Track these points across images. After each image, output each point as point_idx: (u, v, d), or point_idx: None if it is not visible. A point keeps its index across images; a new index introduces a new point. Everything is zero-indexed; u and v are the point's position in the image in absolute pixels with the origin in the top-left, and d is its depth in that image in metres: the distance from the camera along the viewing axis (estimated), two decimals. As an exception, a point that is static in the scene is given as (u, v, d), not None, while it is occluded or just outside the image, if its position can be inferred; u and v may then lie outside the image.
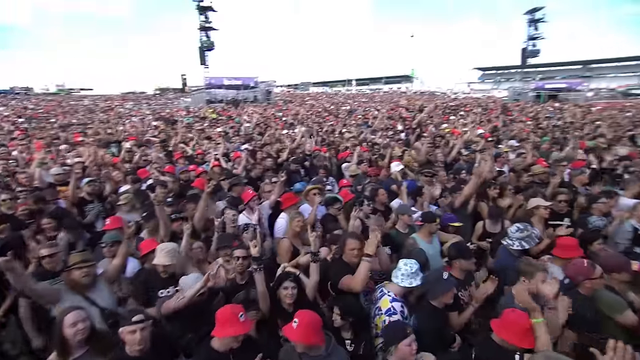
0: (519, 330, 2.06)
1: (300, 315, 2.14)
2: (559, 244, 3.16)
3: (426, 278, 2.72)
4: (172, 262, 2.96)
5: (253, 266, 2.72)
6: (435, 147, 8.02)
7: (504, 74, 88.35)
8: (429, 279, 2.69)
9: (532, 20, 33.55)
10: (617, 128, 11.90)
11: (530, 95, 33.96)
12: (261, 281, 2.69)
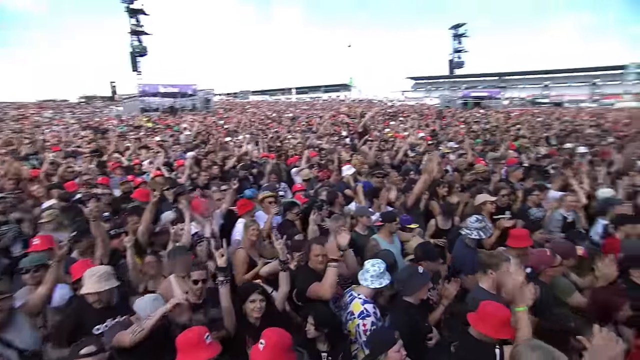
0: (496, 323, 2.06)
1: (267, 335, 1.94)
2: (512, 235, 3.33)
3: (402, 274, 2.68)
4: (106, 288, 2.47)
5: (219, 278, 2.48)
6: (381, 151, 8.35)
7: (434, 83, 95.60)
8: (404, 275, 2.66)
9: (456, 35, 36.51)
10: (533, 130, 13.37)
11: (458, 103, 36.84)
12: (227, 295, 2.46)
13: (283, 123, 17.84)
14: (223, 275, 2.48)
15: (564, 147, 9.04)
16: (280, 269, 2.70)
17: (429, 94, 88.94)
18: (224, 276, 2.48)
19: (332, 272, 2.66)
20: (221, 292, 2.46)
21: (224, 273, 2.49)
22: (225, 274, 2.49)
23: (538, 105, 51.60)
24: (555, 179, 5.38)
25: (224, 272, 2.49)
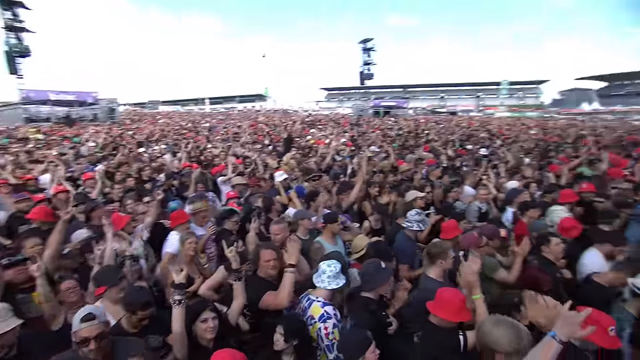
0: (455, 307, 2.16)
1: (220, 358, 1.79)
2: (444, 228, 3.60)
3: (367, 268, 2.66)
4: (6, 330, 1.98)
5: (175, 297, 2.17)
6: (307, 156, 8.51)
7: (346, 94, 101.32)
8: (371, 269, 2.63)
9: (365, 49, 38.98)
10: (439, 135, 14.86)
11: (370, 112, 39.30)
12: (181, 318, 2.16)
13: (200, 133, 17.03)
14: (179, 293, 2.18)
15: (467, 148, 10.19)
16: (234, 279, 2.49)
17: (342, 104, 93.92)
18: (180, 295, 2.18)
19: (290, 278, 2.54)
20: (174, 315, 2.15)
21: (180, 291, 2.19)
22: (182, 292, 2.20)
23: (437, 114, 57.56)
24: (469, 175, 5.98)
25: (180, 290, 2.19)
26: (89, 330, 1.79)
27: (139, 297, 2.24)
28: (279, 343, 2.13)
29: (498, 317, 1.88)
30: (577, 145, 11.21)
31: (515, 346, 1.73)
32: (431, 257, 2.90)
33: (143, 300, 2.22)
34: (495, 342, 1.77)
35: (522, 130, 18.95)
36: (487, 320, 1.94)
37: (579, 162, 6.85)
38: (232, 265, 2.49)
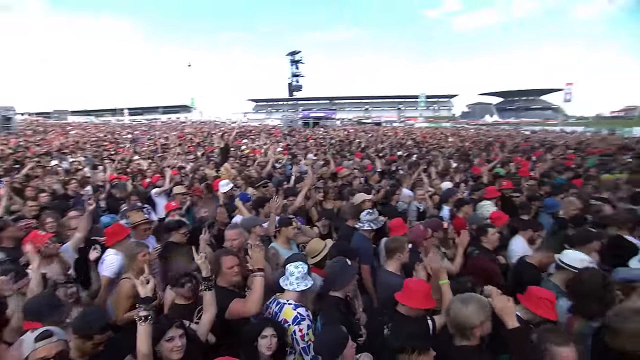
0: (421, 295, 2.27)
1: None
2: (392, 227, 3.78)
3: (334, 267, 2.65)
4: None
5: (141, 313, 1.89)
6: (245, 165, 8.39)
7: (274, 105, 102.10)
8: (337, 268, 2.63)
9: (293, 61, 39.62)
10: (369, 143, 15.65)
11: (299, 123, 39.85)
12: (148, 336, 1.90)
13: (122, 145, 15.73)
14: (145, 308, 1.91)
15: (398, 154, 10.88)
16: (204, 288, 2.31)
17: (270, 115, 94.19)
18: (147, 310, 1.91)
19: (260, 282, 2.44)
20: (140, 334, 1.87)
21: (147, 306, 1.92)
22: (148, 307, 1.93)
23: (364, 124, 60.43)
24: (405, 179, 6.37)
25: (146, 305, 1.93)
26: (47, 349, 1.60)
27: (97, 320, 1.98)
28: (271, 346, 2.03)
29: (464, 296, 2.04)
30: (488, 150, 12.72)
31: (483, 318, 1.91)
32: (390, 251, 3.02)
33: (102, 323, 1.96)
34: (467, 318, 1.93)
35: (442, 138, 20.80)
36: (454, 300, 2.08)
37: (495, 164, 7.73)
38: (203, 273, 2.32)
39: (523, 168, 7.79)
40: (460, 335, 1.97)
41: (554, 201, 4.85)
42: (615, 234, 3.51)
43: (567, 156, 10.94)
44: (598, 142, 18.08)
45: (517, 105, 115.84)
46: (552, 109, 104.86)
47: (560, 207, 4.71)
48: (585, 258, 2.67)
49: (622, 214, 3.98)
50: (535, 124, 63.89)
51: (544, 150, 12.59)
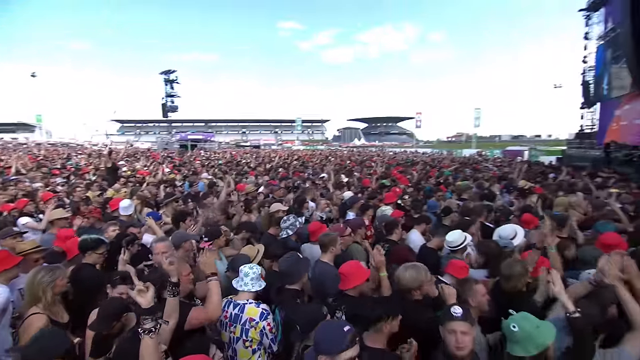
0: (360, 274, 2.61)
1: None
2: (311, 231, 4.12)
3: (288, 261, 2.77)
4: None
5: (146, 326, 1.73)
6: (138, 185, 7.85)
7: (144, 127, 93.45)
8: (292, 262, 2.76)
9: (167, 80, 37.34)
10: (259, 163, 15.98)
11: (175, 145, 37.54)
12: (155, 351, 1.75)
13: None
14: (152, 319, 1.75)
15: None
16: (170, 294, 2.19)
17: (139, 137, 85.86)
18: (153, 321, 1.75)
19: (217, 286, 2.44)
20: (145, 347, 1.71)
21: (152, 316, 1.77)
22: (154, 317, 1.77)
23: (242, 147, 60.27)
24: (309, 192, 6.86)
25: (152, 315, 1.77)
26: None
27: (58, 344, 1.74)
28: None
29: (405, 264, 2.53)
30: (367, 165, 14.45)
31: (423, 279, 2.46)
32: (324, 245, 3.34)
33: (65, 347, 1.73)
34: (409, 281, 2.43)
35: (323, 157, 22.44)
36: (399, 269, 2.56)
37: (379, 176, 8.93)
38: (172, 279, 2.22)
39: (402, 179, 9.18)
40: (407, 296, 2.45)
41: (434, 202, 5.95)
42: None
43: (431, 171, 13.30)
44: (446, 159, 22.23)
45: (380, 130, 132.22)
46: (406, 134, 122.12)
47: (439, 207, 5.84)
48: (462, 235, 3.48)
49: (478, 207, 5.20)
50: (395, 146, 73.89)
51: (409, 166, 14.97)
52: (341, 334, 1.64)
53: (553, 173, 11.27)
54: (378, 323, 2.00)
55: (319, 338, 1.69)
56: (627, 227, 4.40)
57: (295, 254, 2.91)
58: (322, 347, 1.66)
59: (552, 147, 38.08)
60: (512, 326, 1.78)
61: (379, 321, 2.00)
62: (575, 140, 24.66)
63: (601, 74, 20.45)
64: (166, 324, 1.85)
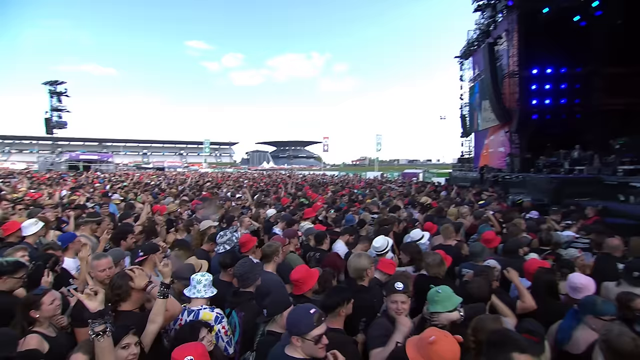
0: (308, 276, 2.88)
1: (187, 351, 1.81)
2: (241, 243, 4.31)
3: (243, 267, 2.94)
4: None
5: (96, 328, 1.76)
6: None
7: (16, 145, 79.65)
8: (246, 267, 2.93)
9: (53, 92, 32.92)
10: (170, 185, 15.27)
11: (63, 167, 33.02)
12: (110, 352, 1.80)
13: None
14: (100, 322, 1.79)
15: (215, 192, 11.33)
16: (161, 295, 2.24)
17: (8, 156, 73.00)
18: (102, 323, 1.79)
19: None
20: (100, 349, 1.78)
21: (101, 319, 1.80)
22: (104, 319, 1.81)
23: (144, 169, 55.82)
24: (234, 210, 7.00)
25: (100, 319, 1.80)
26: None
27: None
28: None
29: (357, 253, 2.99)
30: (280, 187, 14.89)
31: (368, 265, 3.02)
32: (267, 255, 3.60)
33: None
34: (361, 265, 2.94)
35: (236, 179, 22.24)
36: (350, 257, 3.06)
37: (298, 195, 9.42)
38: (165, 280, 2.26)
39: (319, 198, 9.82)
40: (358, 277, 2.96)
41: (351, 216, 6.62)
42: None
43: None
44: (354, 180, 23.91)
45: (288, 153, 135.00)
46: (314, 157, 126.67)
47: (355, 220, 6.52)
48: (385, 240, 4.11)
49: (392, 218, 6.01)
50: (304, 169, 76.08)
51: (320, 186, 15.87)
52: (309, 315, 1.95)
53: (444, 191, 13.18)
54: (337, 308, 2.38)
55: (290, 321, 1.99)
56: (497, 229, 5.64)
57: (249, 259, 3.14)
58: (294, 328, 1.95)
59: (441, 169, 43.73)
60: (437, 290, 2.34)
61: (337, 307, 2.38)
62: (458, 164, 28.77)
63: (473, 109, 24.70)
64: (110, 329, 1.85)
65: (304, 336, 1.90)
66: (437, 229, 5.29)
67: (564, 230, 5.69)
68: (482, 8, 21.28)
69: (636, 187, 10.34)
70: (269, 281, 3.32)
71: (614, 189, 10.93)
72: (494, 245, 4.39)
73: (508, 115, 18.45)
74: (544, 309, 2.76)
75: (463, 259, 4.13)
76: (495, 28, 20.21)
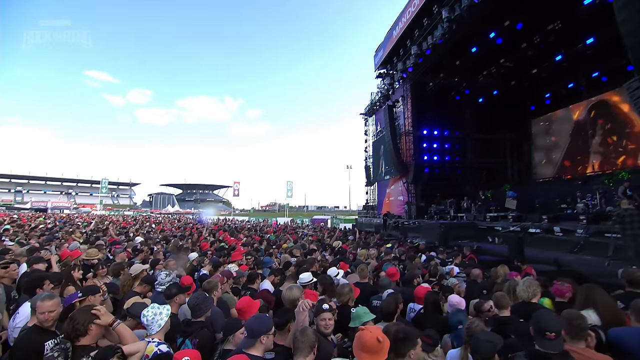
0: (252, 307, 3.34)
1: None
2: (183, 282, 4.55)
3: (196, 299, 3.19)
4: None
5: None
6: None
7: None
8: (199, 300, 3.20)
9: None
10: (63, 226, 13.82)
11: None
12: None
13: None
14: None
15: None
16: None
17: None
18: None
19: (124, 326, 2.73)
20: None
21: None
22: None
23: (16, 209, 48.12)
24: (157, 254, 6.94)
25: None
26: None
27: None
28: None
29: (288, 286, 3.50)
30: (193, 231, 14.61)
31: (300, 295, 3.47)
32: (208, 290, 3.93)
33: None
34: (294, 296, 3.44)
35: (141, 221, 20.81)
36: (284, 291, 3.53)
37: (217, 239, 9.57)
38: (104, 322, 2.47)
39: (237, 242, 10.07)
40: (292, 307, 3.41)
41: (269, 259, 7.10)
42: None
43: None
44: (266, 226, 24.23)
45: (195, 197, 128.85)
46: (222, 202, 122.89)
47: (272, 262, 7.03)
48: (310, 275, 4.75)
49: (311, 259, 6.68)
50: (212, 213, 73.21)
51: (235, 231, 15.95)
52: (267, 318, 2.59)
53: (351, 236, 14.42)
54: (286, 325, 2.90)
55: (256, 327, 2.53)
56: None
57: (202, 293, 3.47)
58: (262, 329, 2.52)
59: (348, 216, 46.46)
60: (352, 310, 3.03)
61: (287, 324, 2.90)
62: (363, 210, 31.23)
63: (376, 161, 27.67)
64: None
65: (268, 333, 2.55)
66: (349, 267, 6.11)
67: (446, 265, 7.02)
68: (382, 76, 24.83)
69: (499, 230, 12.85)
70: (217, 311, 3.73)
71: (485, 232, 13.38)
72: (395, 279, 5.33)
73: (405, 168, 21.25)
74: (432, 321, 3.64)
75: (374, 292, 4.95)
76: (393, 93, 23.65)
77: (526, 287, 3.80)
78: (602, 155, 18.10)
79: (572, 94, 19.60)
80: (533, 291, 3.77)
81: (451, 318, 3.48)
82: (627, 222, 7.46)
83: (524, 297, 3.77)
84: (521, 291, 3.81)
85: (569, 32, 16.14)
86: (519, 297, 3.84)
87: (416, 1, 17.31)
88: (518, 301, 3.82)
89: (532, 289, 3.78)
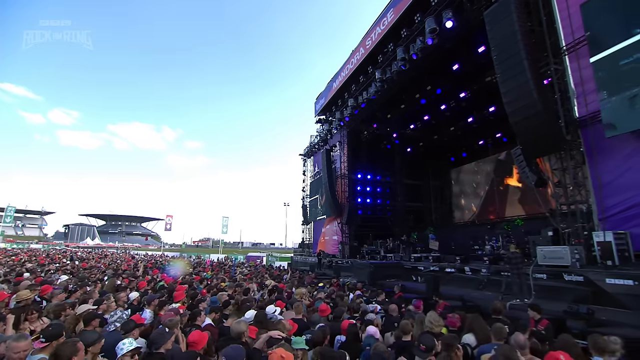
0: (202, 339, 3.75)
1: None
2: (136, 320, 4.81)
3: (155, 334, 3.55)
4: None
5: None
6: None
7: None
8: (157, 334, 3.56)
9: None
10: None
11: None
12: None
13: None
14: None
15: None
16: None
17: None
18: None
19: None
20: None
21: None
22: None
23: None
24: (92, 293, 6.89)
25: None
26: None
27: None
28: None
29: (236, 320, 4.04)
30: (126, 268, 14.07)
31: (245, 329, 4.01)
32: (170, 327, 4.25)
33: None
34: (240, 329, 3.96)
35: (55, 259, 19.18)
36: (232, 324, 4.03)
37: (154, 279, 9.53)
38: None
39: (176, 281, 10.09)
40: (238, 339, 3.94)
41: (215, 298, 7.43)
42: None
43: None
44: (201, 263, 23.59)
45: (120, 229, 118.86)
46: (151, 235, 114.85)
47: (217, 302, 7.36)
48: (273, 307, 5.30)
49: (249, 298, 7.16)
50: (139, 248, 68.21)
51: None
52: (240, 349, 3.17)
53: (286, 275, 14.87)
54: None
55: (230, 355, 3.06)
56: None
57: (162, 328, 3.84)
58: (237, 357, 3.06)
59: (283, 253, 46.37)
60: (290, 339, 3.70)
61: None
62: (299, 249, 31.74)
63: (313, 200, 28.78)
64: None
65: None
66: (285, 305, 6.71)
67: (369, 303, 7.91)
68: (322, 121, 26.65)
69: (421, 270, 14.28)
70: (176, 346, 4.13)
71: (409, 271, 14.74)
72: (326, 315, 6.05)
73: (340, 210, 22.55)
74: (353, 348, 4.39)
75: (307, 327, 5.61)
76: (331, 138, 25.38)
77: (430, 320, 4.78)
78: (505, 203, 21.11)
79: (482, 150, 22.86)
80: (436, 322, 4.76)
81: (364, 343, 4.34)
82: (513, 263, 9.10)
83: (429, 327, 4.74)
84: (427, 322, 4.78)
85: (475, 100, 19.20)
86: (424, 328, 4.80)
87: (354, 60, 19.49)
88: (424, 331, 4.79)
89: (435, 321, 4.78)
